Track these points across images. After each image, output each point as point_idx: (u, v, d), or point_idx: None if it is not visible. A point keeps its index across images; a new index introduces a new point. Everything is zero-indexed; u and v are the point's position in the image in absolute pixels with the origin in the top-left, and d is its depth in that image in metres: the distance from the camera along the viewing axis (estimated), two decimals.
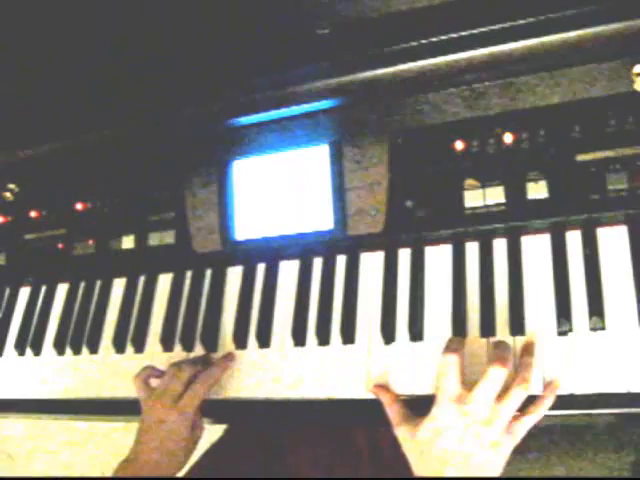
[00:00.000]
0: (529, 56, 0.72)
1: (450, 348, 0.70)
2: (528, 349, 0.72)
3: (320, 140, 0.87)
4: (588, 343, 0.71)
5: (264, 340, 0.85)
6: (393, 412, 0.72)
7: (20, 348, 1.01)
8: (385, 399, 0.74)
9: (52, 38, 0.90)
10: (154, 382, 0.85)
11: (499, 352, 0.70)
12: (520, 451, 0.68)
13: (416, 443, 0.68)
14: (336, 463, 0.90)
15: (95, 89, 0.91)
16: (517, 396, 0.67)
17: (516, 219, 0.77)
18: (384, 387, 0.76)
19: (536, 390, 0.70)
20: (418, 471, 0.68)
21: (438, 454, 0.66)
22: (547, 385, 0.70)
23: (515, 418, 0.67)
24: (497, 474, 0.66)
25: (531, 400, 0.69)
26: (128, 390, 0.90)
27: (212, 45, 0.85)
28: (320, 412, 0.80)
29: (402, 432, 0.70)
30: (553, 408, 0.70)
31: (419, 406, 0.72)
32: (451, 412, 0.66)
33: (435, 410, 0.67)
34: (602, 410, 0.69)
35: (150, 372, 0.86)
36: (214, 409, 0.87)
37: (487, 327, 0.75)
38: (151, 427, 0.80)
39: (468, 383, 0.68)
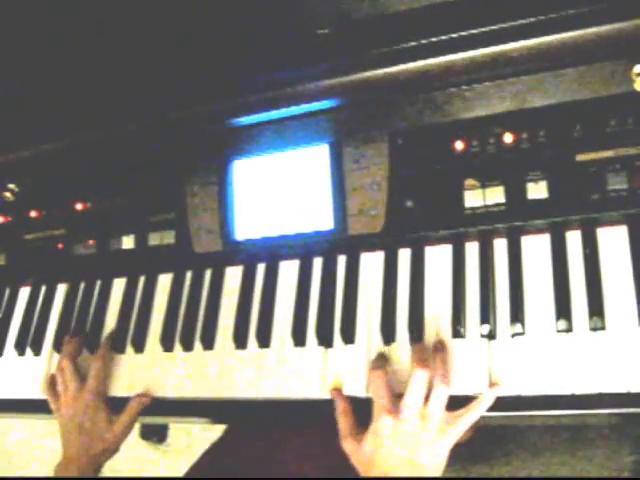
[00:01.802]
0: (529, 56, 0.72)
1: (375, 365, 0.76)
2: (441, 346, 0.75)
3: (320, 140, 0.87)
4: (588, 343, 0.71)
5: (264, 340, 0.85)
6: (342, 423, 0.75)
7: (20, 348, 1.01)
8: (339, 407, 0.77)
9: (52, 38, 0.90)
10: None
11: (418, 355, 0.74)
12: (520, 451, 0.68)
13: (362, 455, 0.72)
14: (336, 463, 0.90)
15: (95, 89, 0.91)
16: (440, 394, 0.70)
17: (516, 219, 0.77)
18: (341, 393, 0.78)
19: (482, 389, 0.72)
20: (367, 475, 0.72)
21: (382, 463, 0.70)
22: (491, 384, 0.72)
23: (452, 417, 0.71)
24: (439, 472, 0.70)
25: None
26: (128, 390, 0.90)
27: (212, 45, 0.85)
28: (320, 412, 0.80)
29: (348, 445, 0.74)
30: (553, 408, 0.70)
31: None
32: (387, 422, 0.70)
33: (374, 423, 0.71)
34: (602, 410, 0.69)
35: (53, 379, 0.94)
36: (214, 409, 0.87)
37: (487, 327, 0.75)
38: (65, 424, 0.89)
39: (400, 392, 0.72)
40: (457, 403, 0.72)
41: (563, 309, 0.72)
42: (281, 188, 0.90)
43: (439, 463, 0.70)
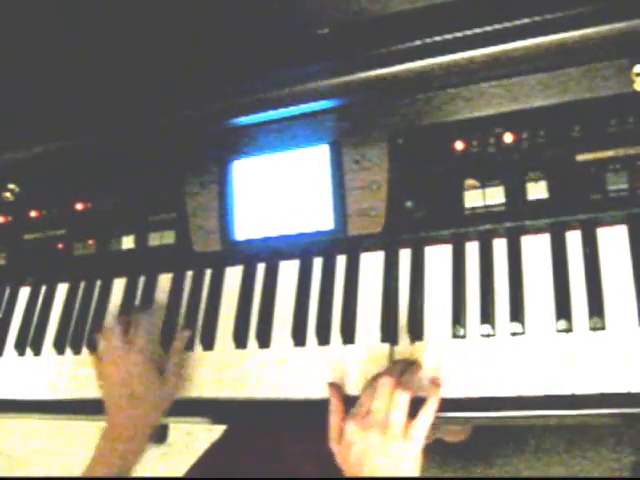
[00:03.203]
0: (529, 56, 0.72)
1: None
2: (414, 363, 0.76)
3: (320, 140, 0.87)
4: (588, 343, 0.71)
5: (264, 340, 0.85)
6: (332, 422, 0.76)
7: (20, 348, 1.01)
8: (332, 405, 0.77)
9: (52, 38, 0.90)
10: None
11: (388, 369, 0.75)
12: (520, 451, 0.68)
13: (342, 456, 0.73)
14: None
15: (95, 89, 0.91)
16: (401, 400, 0.71)
17: (516, 219, 0.77)
18: (338, 391, 0.78)
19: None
20: (348, 474, 0.73)
21: (354, 467, 0.71)
22: (430, 388, 0.73)
23: (410, 424, 0.71)
24: (415, 473, 0.71)
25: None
26: None
27: (212, 45, 0.85)
28: (320, 412, 0.80)
29: (333, 445, 0.75)
30: (553, 408, 0.70)
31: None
32: (354, 428, 0.71)
33: (344, 428, 0.73)
34: (602, 410, 0.69)
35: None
36: (214, 409, 0.87)
37: (487, 327, 0.75)
38: (111, 374, 0.82)
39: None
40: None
41: (563, 309, 0.72)
42: (281, 188, 0.90)
43: (409, 470, 0.71)
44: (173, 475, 1.77)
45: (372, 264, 0.84)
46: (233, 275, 0.92)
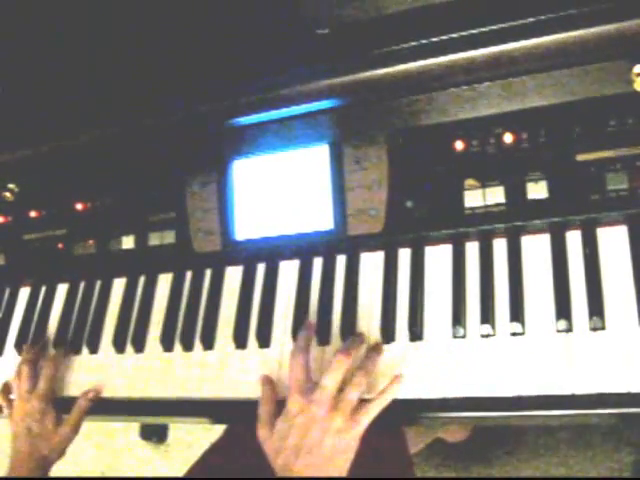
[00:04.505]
0: (529, 56, 0.72)
1: (297, 346, 0.76)
2: (378, 347, 0.78)
3: (320, 140, 0.87)
4: (588, 343, 0.71)
5: (264, 340, 0.85)
6: (263, 411, 0.76)
7: (20, 348, 1.01)
8: (263, 393, 0.78)
9: (52, 37, 0.90)
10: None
11: (347, 344, 0.76)
12: (520, 451, 0.68)
13: (273, 439, 0.72)
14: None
15: (95, 89, 0.91)
16: (357, 383, 0.72)
17: (516, 219, 0.77)
18: (270, 381, 0.79)
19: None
20: (275, 466, 0.72)
21: (290, 446, 0.70)
22: (392, 377, 0.75)
23: (360, 407, 0.71)
24: (346, 462, 0.70)
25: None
26: (128, 390, 0.90)
27: (212, 45, 0.85)
28: None
29: (262, 432, 0.74)
30: (553, 408, 0.70)
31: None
32: (298, 402, 0.71)
33: (287, 404, 0.73)
34: (602, 410, 0.69)
35: (8, 385, 0.96)
36: (214, 409, 0.87)
37: (487, 327, 0.75)
38: (15, 428, 0.90)
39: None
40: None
41: (563, 309, 0.72)
42: (281, 188, 0.90)
43: (344, 451, 0.70)
44: (173, 475, 1.77)
45: (372, 264, 0.84)
46: (233, 275, 0.92)
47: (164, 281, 0.97)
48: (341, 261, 0.86)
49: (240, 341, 0.87)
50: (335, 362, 0.72)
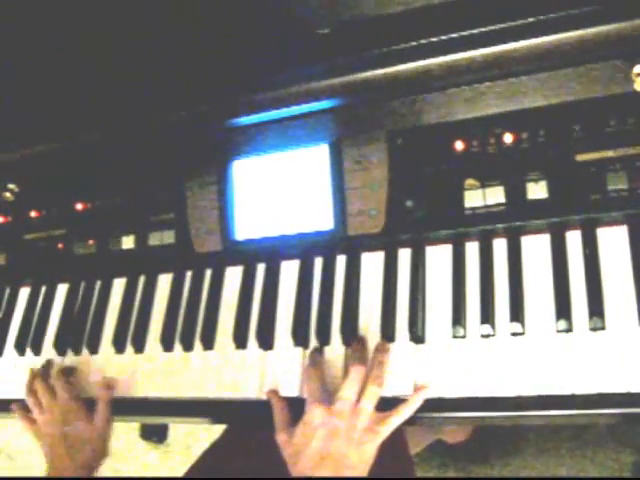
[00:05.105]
0: (529, 56, 0.72)
1: (310, 362, 0.79)
2: (382, 348, 0.77)
3: (320, 140, 0.87)
4: (588, 343, 0.71)
5: (264, 340, 0.85)
6: (279, 418, 0.77)
7: (20, 348, 1.01)
8: (276, 404, 0.79)
9: (52, 37, 0.90)
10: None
11: (357, 353, 0.77)
12: (520, 451, 0.68)
13: (292, 446, 0.73)
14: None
15: (95, 89, 0.91)
16: (372, 393, 0.73)
17: (516, 219, 0.77)
18: (276, 393, 0.81)
19: (407, 392, 0.74)
20: (293, 470, 0.73)
21: (311, 455, 0.71)
22: (417, 388, 0.74)
23: (382, 417, 0.72)
24: (364, 470, 0.71)
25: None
26: (128, 390, 0.90)
27: (212, 45, 0.85)
28: None
29: (282, 437, 0.76)
30: (553, 408, 0.70)
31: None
32: (318, 414, 0.72)
33: (306, 415, 0.74)
34: (602, 410, 0.69)
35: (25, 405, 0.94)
36: (214, 409, 0.87)
37: (487, 327, 0.75)
38: (48, 440, 0.88)
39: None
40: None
41: (563, 309, 0.72)
42: (281, 188, 0.90)
43: (365, 461, 0.71)
44: (173, 475, 1.77)
45: (372, 264, 0.84)
46: (233, 275, 0.92)
47: (164, 281, 0.97)
48: (341, 261, 0.86)
49: (240, 341, 0.87)
50: (351, 372, 0.73)
